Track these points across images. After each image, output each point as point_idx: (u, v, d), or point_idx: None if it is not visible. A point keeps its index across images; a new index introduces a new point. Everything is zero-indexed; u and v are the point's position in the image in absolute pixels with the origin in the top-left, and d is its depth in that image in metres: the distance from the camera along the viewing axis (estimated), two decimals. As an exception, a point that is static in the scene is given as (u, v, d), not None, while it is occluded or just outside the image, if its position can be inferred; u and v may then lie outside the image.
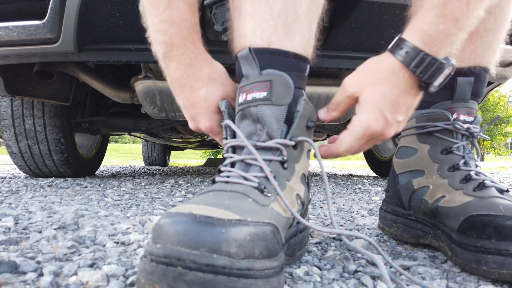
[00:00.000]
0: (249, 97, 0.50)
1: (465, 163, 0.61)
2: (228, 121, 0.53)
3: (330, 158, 0.56)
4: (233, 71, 0.58)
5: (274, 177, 0.48)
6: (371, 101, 0.50)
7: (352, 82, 0.52)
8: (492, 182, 0.57)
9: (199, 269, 0.34)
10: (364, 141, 0.52)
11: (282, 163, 0.50)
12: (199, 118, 0.59)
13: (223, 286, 0.34)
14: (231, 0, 0.55)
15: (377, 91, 0.50)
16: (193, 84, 0.57)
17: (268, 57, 0.51)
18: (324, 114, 0.57)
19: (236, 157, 0.50)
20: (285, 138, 0.50)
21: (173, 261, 0.34)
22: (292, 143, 0.50)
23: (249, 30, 0.51)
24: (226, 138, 0.53)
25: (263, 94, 0.50)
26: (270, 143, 0.49)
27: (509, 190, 0.57)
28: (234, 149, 0.52)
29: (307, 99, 0.52)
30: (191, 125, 0.61)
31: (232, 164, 0.51)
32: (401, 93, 0.50)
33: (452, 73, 0.50)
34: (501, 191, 0.56)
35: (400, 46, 0.49)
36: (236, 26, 0.54)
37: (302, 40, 0.52)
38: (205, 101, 0.57)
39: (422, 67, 0.48)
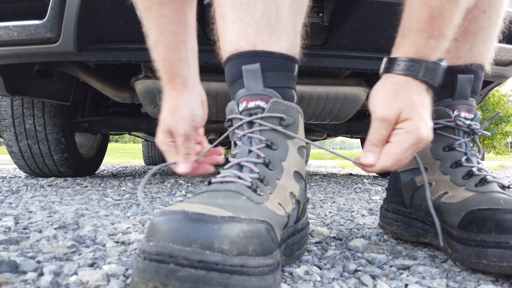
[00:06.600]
0: (251, 104, 0.52)
1: (467, 160, 0.61)
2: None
3: (373, 172, 0.54)
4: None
5: (264, 178, 0.49)
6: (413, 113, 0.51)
7: (386, 112, 0.51)
8: (494, 177, 0.57)
9: (191, 266, 0.34)
10: (411, 151, 0.51)
11: (265, 164, 0.50)
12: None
13: (216, 283, 0.34)
14: (215, 9, 0.56)
15: (412, 104, 0.51)
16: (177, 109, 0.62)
17: (254, 60, 0.52)
18: (373, 159, 0.52)
19: (233, 160, 0.51)
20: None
21: (166, 258, 0.34)
22: (263, 145, 0.51)
23: (234, 35, 0.53)
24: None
25: (264, 104, 0.52)
26: (249, 148, 0.51)
27: (511, 187, 0.57)
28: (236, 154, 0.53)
29: (278, 99, 0.52)
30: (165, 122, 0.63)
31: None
32: (424, 97, 0.52)
33: (445, 65, 0.52)
34: (502, 186, 0.57)
35: (397, 63, 0.52)
36: (222, 33, 0.55)
37: (288, 40, 0.54)
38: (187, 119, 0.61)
39: (428, 73, 0.51)
